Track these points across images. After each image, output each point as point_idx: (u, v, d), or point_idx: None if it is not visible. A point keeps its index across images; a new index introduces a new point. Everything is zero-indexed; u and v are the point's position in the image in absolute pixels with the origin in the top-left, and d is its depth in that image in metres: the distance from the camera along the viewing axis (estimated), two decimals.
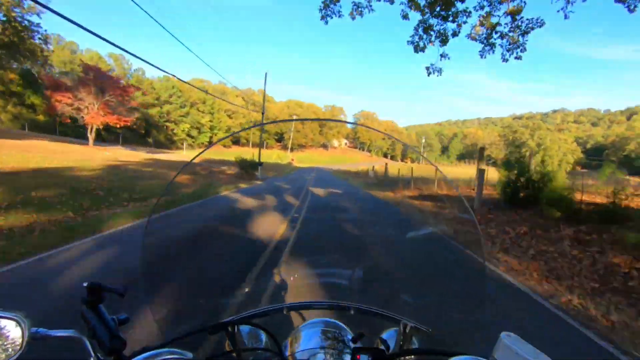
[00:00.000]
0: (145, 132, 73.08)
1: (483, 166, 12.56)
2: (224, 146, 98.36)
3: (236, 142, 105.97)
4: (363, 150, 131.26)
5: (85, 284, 0.84)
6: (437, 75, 13.90)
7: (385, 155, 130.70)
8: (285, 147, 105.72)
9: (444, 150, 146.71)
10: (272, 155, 74.28)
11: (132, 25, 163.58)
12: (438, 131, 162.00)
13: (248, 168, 23.93)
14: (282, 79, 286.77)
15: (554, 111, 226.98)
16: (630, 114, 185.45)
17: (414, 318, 0.98)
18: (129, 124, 28.12)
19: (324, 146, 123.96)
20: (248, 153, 36.13)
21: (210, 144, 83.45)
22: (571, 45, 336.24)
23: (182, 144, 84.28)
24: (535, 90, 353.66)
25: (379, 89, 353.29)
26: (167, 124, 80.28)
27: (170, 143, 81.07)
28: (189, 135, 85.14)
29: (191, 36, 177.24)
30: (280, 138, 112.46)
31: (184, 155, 34.20)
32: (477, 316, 1.01)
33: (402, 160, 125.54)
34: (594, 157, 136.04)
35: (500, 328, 0.74)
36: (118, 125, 27.43)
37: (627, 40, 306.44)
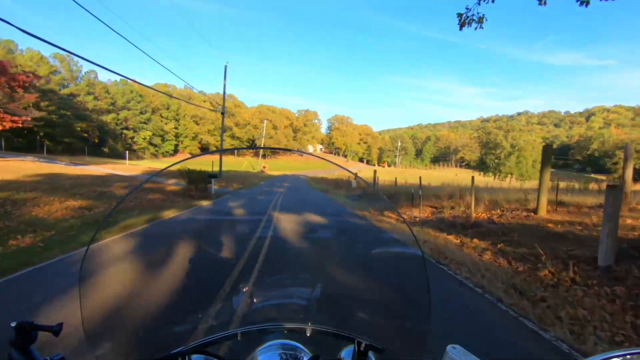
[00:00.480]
0: (99, 140, 64.51)
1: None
2: (191, 154, 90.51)
3: (206, 149, 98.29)
4: (338, 155, 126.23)
5: (13, 324, 0.73)
6: (476, 29, 8.41)
7: (361, 160, 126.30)
8: (257, 155, 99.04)
9: (418, 153, 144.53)
10: (243, 163, 67.56)
11: (90, 29, 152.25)
12: (412, 134, 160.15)
13: (198, 182, 17.70)
14: (254, 86, 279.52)
15: (519, 114, 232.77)
16: (588, 115, 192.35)
17: (369, 335, 1.00)
18: (20, 125, 20.22)
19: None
20: (217, 162, 29.68)
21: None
22: (529, 52, 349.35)
23: (144, 152, 76.00)
24: (499, 94, 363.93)
25: (354, 96, 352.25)
26: (126, 131, 71.84)
27: (130, 152, 72.66)
28: (151, 143, 76.89)
29: (157, 42, 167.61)
30: (252, 145, 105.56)
31: (126, 166, 27.33)
32: (426, 329, 1.02)
33: (378, 164, 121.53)
34: (560, 156, 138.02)
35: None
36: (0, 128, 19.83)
37: (578, 47, 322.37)
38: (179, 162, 1.90)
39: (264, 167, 60.63)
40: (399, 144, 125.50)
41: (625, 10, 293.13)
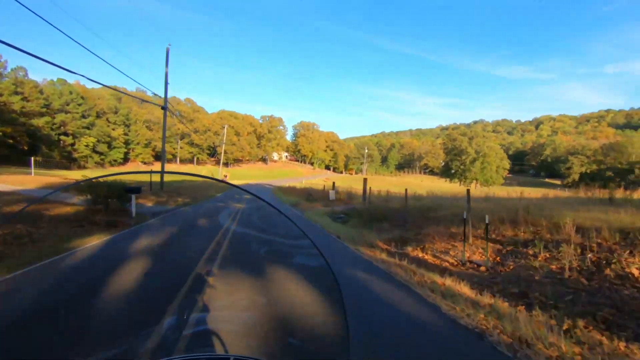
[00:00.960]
0: (29, 147, 54.48)
1: None
2: (144, 163, 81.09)
3: (159, 158, 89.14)
4: (305, 163, 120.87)
5: None
6: None
7: (327, 167, 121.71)
8: (222, 164, 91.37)
9: (383, 160, 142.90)
10: (201, 172, 60.31)
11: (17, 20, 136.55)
12: (376, 142, 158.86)
13: (113, 200, 11.60)
14: (217, 94, 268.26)
15: (475, 122, 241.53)
16: (537, 123, 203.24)
17: None
18: None
19: (263, 160, 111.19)
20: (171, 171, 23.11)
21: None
22: (483, 65, 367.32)
23: (86, 161, 66.15)
24: (457, 104, 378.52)
25: (318, 104, 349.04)
26: (64, 137, 62.00)
27: (69, 161, 62.72)
28: (95, 151, 67.25)
29: (109, 42, 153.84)
30: (213, 152, 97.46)
31: (28, 178, 19.96)
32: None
33: (346, 172, 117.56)
34: (517, 162, 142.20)
35: None
36: None
37: (524, 62, 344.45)
38: (102, 177, 1.25)
39: (225, 175, 53.89)
40: (366, 151, 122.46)
41: (561, 28, 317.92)
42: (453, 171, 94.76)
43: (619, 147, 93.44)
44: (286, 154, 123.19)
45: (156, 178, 21.40)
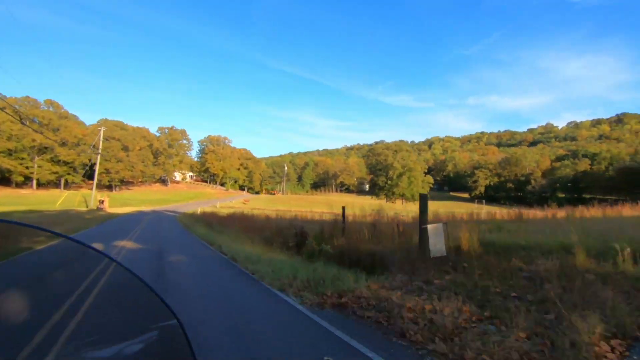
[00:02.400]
0: None
1: None
2: None
3: (5, 180, 61.74)
4: (214, 183, 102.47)
5: None
6: None
7: (242, 188, 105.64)
8: (105, 186, 68.12)
9: (299, 179, 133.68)
10: (59, 198, 39.99)
11: None
12: (290, 160, 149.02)
13: None
14: (108, 108, 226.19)
15: (376, 142, 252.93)
16: (429, 143, 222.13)
17: None
18: None
19: (162, 181, 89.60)
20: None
21: None
22: (374, 93, 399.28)
23: None
24: (356, 127, 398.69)
25: (230, 125, 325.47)
26: None
27: None
28: None
29: None
30: (90, 172, 73.00)
31: None
32: None
33: (267, 192, 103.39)
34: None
35: None
36: None
37: (407, 92, 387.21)
38: None
39: (101, 201, 35.50)
40: (285, 169, 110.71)
41: (432, 65, 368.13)
42: (381, 187, 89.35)
43: (515, 161, 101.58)
44: (191, 173, 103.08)
45: None
